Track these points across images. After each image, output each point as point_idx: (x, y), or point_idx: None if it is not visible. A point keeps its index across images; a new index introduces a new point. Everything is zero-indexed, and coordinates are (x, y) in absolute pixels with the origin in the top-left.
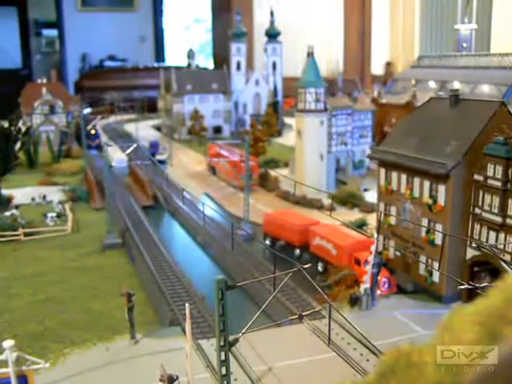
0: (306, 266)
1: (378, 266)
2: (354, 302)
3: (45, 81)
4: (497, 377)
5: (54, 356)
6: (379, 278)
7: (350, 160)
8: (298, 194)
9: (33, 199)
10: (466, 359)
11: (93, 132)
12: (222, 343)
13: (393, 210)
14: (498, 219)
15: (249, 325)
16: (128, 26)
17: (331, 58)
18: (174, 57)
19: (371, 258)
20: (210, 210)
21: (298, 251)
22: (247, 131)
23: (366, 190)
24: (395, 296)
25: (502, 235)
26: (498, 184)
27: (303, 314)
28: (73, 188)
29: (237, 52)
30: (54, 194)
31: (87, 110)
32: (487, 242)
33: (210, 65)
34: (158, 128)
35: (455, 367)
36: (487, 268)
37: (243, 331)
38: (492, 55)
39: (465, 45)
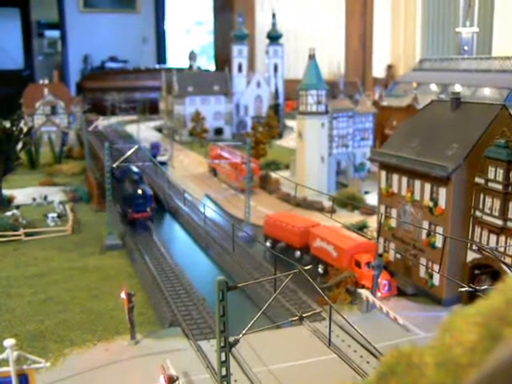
0: (306, 268)
1: (379, 268)
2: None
3: (46, 81)
4: (497, 378)
5: (54, 356)
6: (379, 280)
7: (350, 162)
8: (299, 196)
9: (34, 199)
10: (467, 360)
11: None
12: (222, 344)
13: (393, 212)
14: (499, 222)
15: (249, 326)
16: (130, 28)
17: (332, 61)
18: (176, 58)
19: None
20: (210, 211)
21: (298, 253)
22: (248, 133)
23: (366, 192)
24: (395, 298)
25: (502, 238)
26: (499, 187)
27: (303, 315)
28: (75, 189)
29: (238, 54)
30: (55, 195)
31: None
32: (488, 245)
33: (212, 67)
34: (159, 129)
35: (456, 368)
36: (488, 271)
37: (243, 332)
38: (493, 58)
39: (466, 48)
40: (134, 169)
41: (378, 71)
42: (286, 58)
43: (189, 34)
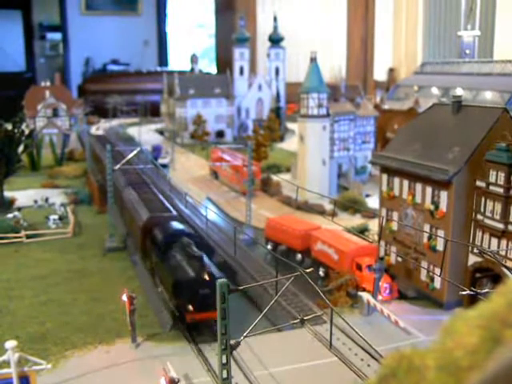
0: (307, 271)
1: (380, 271)
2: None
3: (48, 84)
4: (499, 381)
5: (55, 358)
6: (380, 283)
7: (352, 165)
8: (300, 199)
9: (35, 202)
10: (468, 363)
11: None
12: (223, 346)
13: (395, 215)
14: (500, 226)
15: (250, 329)
16: (131, 30)
17: (334, 64)
18: (177, 61)
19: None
20: (212, 214)
21: (299, 256)
22: (250, 136)
23: (367, 195)
24: (396, 302)
25: (503, 242)
26: (500, 190)
27: (304, 318)
28: (76, 191)
29: (240, 57)
30: (57, 197)
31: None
32: (489, 248)
33: (213, 69)
34: (160, 132)
35: (457, 371)
36: (489, 274)
37: (244, 335)
38: (495, 62)
39: (468, 51)
40: (188, 230)
41: (380, 74)
42: (288, 60)
43: (190, 37)
